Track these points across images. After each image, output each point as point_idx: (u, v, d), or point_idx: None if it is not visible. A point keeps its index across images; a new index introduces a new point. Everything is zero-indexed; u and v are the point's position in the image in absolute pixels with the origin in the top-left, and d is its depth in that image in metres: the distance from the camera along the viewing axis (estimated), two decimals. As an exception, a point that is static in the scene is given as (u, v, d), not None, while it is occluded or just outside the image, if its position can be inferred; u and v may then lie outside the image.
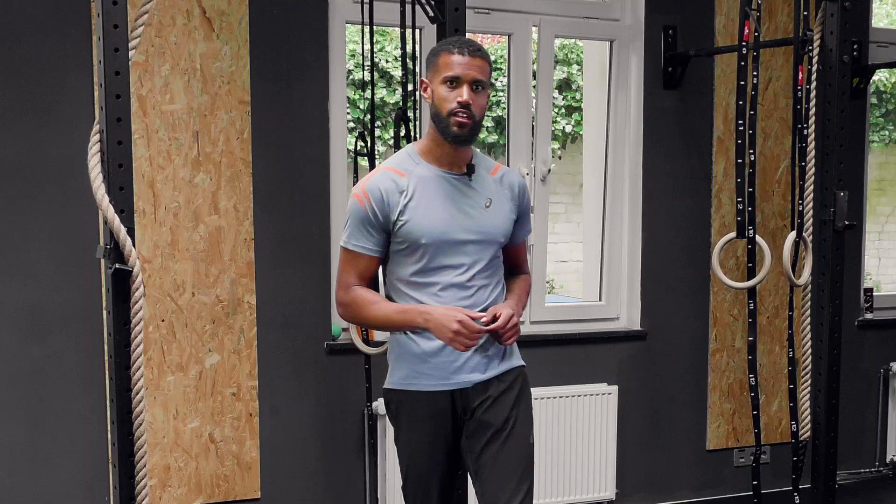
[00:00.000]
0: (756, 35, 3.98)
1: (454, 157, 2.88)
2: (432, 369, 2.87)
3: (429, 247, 2.83)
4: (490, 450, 2.87)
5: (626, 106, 4.77)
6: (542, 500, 4.51)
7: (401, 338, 2.91)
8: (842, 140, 3.95)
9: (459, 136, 2.81)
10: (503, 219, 2.93)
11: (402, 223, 2.82)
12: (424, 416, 2.91)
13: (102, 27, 2.74)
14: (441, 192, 2.86)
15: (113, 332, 2.79)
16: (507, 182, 2.97)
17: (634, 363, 4.82)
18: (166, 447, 3.99)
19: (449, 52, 2.82)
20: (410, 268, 2.86)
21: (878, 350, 5.35)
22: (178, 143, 3.93)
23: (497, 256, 2.94)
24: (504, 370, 2.94)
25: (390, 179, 2.85)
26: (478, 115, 2.83)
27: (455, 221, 2.85)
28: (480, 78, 2.81)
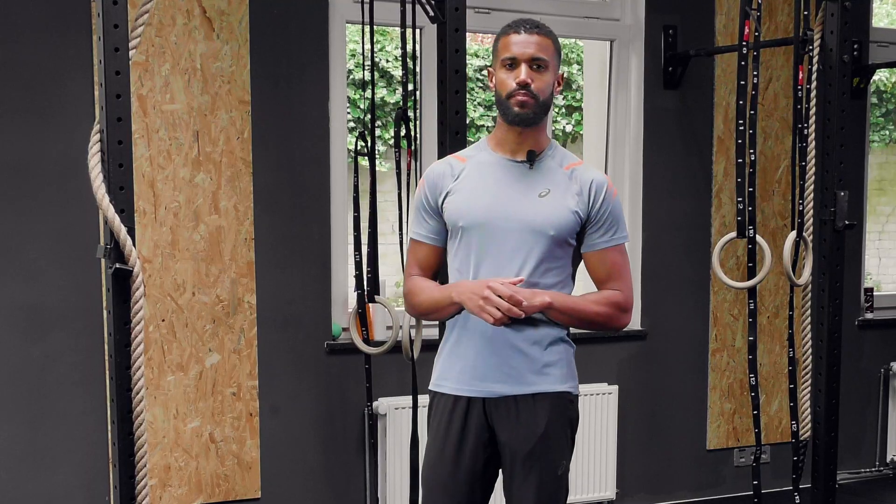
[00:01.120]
0: (756, 35, 3.97)
1: (519, 144, 2.72)
2: (457, 371, 2.74)
3: (468, 231, 2.68)
4: (515, 483, 2.73)
5: (626, 106, 4.77)
6: (542, 500, 4.51)
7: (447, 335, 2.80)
8: (842, 140, 3.95)
9: (521, 115, 2.65)
10: (559, 211, 2.67)
11: (447, 204, 2.71)
12: (444, 422, 2.76)
13: (103, 27, 2.74)
14: (493, 177, 2.71)
15: (113, 332, 2.79)
16: (578, 177, 2.72)
17: (634, 363, 4.82)
18: (166, 447, 3.99)
19: (506, 34, 2.69)
20: (456, 258, 2.74)
21: (879, 350, 5.35)
22: (178, 143, 3.93)
23: (558, 257, 2.71)
24: (540, 391, 2.71)
25: (447, 164, 2.78)
26: (541, 95, 2.66)
27: (498, 206, 2.68)
28: (540, 56, 2.65)
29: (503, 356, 2.70)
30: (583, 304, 2.73)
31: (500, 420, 2.72)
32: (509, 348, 2.69)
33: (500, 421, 2.72)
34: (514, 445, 2.71)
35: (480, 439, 2.74)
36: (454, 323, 2.77)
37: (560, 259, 2.72)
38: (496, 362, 2.70)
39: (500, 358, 2.70)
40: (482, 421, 2.73)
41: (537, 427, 2.70)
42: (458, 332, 2.76)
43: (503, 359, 2.70)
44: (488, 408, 2.73)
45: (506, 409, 2.71)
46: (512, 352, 2.70)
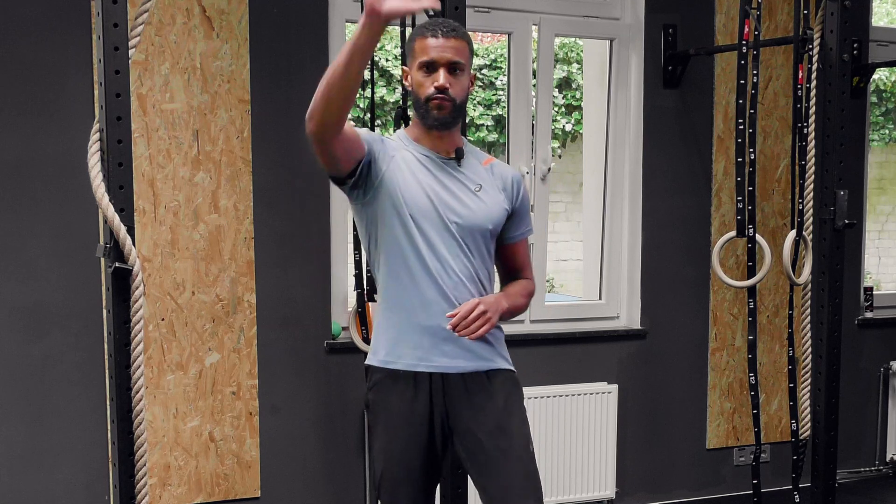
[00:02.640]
0: (756, 34, 3.98)
1: (440, 144, 2.77)
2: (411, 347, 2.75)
3: (414, 221, 2.69)
4: (491, 466, 2.74)
5: (626, 105, 4.77)
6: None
7: (382, 307, 2.79)
8: (842, 139, 3.95)
9: (439, 118, 2.70)
10: (494, 206, 2.78)
11: (388, 176, 2.69)
12: (401, 409, 2.77)
13: (102, 26, 2.74)
14: (427, 171, 2.74)
15: (113, 331, 2.79)
16: (498, 173, 2.84)
17: (634, 362, 4.82)
18: (166, 446, 3.99)
19: (423, 37, 2.69)
20: (395, 246, 2.72)
21: (878, 349, 5.35)
22: (177, 142, 3.93)
23: (489, 249, 2.81)
24: (491, 368, 2.79)
25: (387, 139, 2.79)
26: (458, 98, 2.70)
27: (442, 199, 2.72)
28: (457, 59, 2.68)
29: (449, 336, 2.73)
30: (519, 300, 2.87)
31: (458, 399, 2.76)
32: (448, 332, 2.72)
33: (457, 400, 2.76)
34: (480, 428, 2.74)
35: (429, 428, 2.78)
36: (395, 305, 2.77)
37: (491, 250, 2.83)
38: (446, 337, 2.72)
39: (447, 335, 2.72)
40: (440, 399, 2.77)
41: (498, 403, 2.76)
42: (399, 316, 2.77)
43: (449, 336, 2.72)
44: (446, 385, 2.76)
45: (463, 388, 2.76)
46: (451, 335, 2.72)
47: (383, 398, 2.81)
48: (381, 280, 2.80)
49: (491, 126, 9.76)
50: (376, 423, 2.84)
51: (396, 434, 2.78)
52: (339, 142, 2.56)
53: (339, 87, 2.42)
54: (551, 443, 4.51)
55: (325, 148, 2.57)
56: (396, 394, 2.77)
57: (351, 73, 2.41)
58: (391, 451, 2.79)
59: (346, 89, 2.44)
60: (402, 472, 2.78)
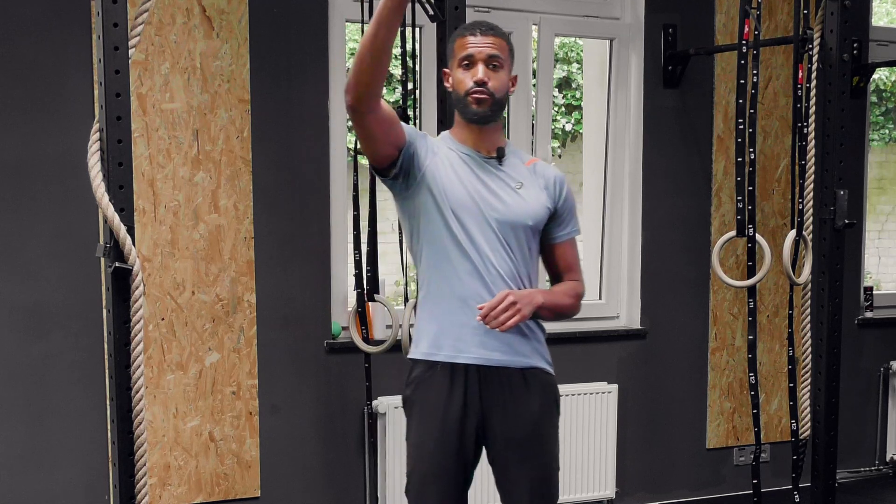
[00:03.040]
0: (756, 33, 3.97)
1: (482, 141, 2.79)
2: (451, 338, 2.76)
3: (455, 216, 2.72)
4: (513, 474, 2.79)
5: (626, 104, 4.77)
6: (541, 499, 4.51)
7: (424, 300, 2.81)
8: (842, 139, 3.95)
9: (479, 112, 2.73)
10: (535, 203, 2.79)
11: (429, 171, 2.72)
12: (437, 405, 2.78)
13: (102, 26, 2.74)
14: (469, 169, 2.77)
15: (113, 331, 2.79)
16: (541, 172, 2.85)
17: (634, 362, 4.82)
18: (166, 446, 3.99)
19: (462, 36, 2.76)
20: (436, 241, 2.74)
21: (878, 349, 5.35)
22: (177, 142, 3.93)
23: (532, 247, 2.81)
24: (528, 366, 2.80)
25: (431, 138, 2.82)
26: (497, 93, 2.73)
27: (483, 195, 2.74)
28: (496, 54, 2.73)
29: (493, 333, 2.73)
30: (562, 298, 2.85)
31: (493, 397, 2.77)
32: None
33: (492, 398, 2.77)
34: (509, 429, 2.77)
35: (462, 423, 2.78)
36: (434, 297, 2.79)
37: (533, 249, 2.83)
38: (486, 330, 2.72)
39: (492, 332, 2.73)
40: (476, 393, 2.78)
41: (532, 409, 2.79)
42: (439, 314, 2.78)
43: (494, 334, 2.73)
44: (482, 379, 2.77)
45: (499, 386, 2.77)
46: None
47: (420, 394, 2.82)
48: (422, 273, 2.83)
49: (491, 126, 9.74)
50: (411, 419, 2.86)
51: (430, 431, 2.79)
52: (377, 120, 2.60)
53: (369, 57, 2.48)
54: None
55: (363, 122, 2.60)
56: (434, 389, 2.78)
57: (378, 43, 2.47)
58: (423, 446, 2.81)
59: (376, 59, 2.49)
60: (433, 469, 2.79)
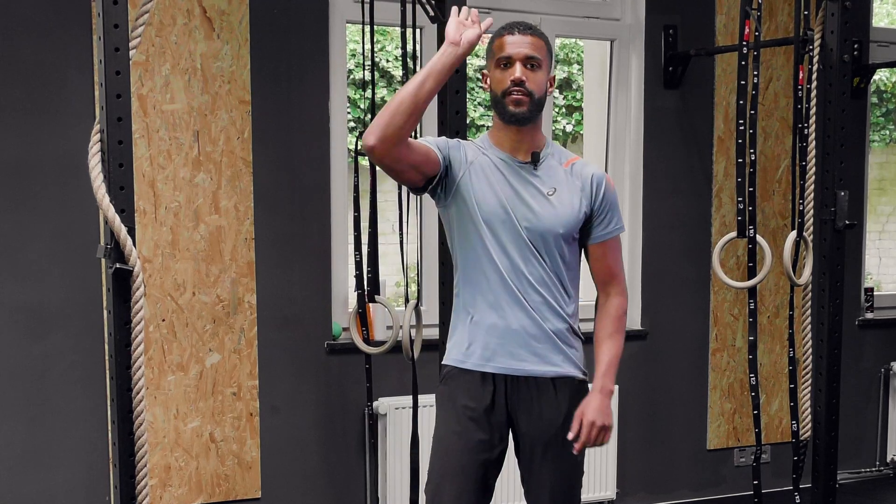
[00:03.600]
0: (756, 34, 3.97)
1: (519, 142, 2.77)
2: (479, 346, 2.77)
3: (487, 225, 2.72)
4: (536, 471, 2.80)
5: (626, 105, 4.77)
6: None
7: (457, 308, 2.83)
8: (842, 139, 3.95)
9: (517, 114, 2.71)
10: (567, 209, 2.75)
11: (464, 180, 2.73)
12: (464, 404, 2.78)
13: (103, 27, 2.74)
14: (503, 176, 2.75)
15: (113, 332, 2.79)
16: (578, 173, 2.80)
17: (635, 362, 4.81)
18: (167, 447, 3.99)
19: (501, 36, 2.74)
20: (468, 249, 2.76)
21: (879, 349, 5.35)
22: (178, 143, 3.93)
23: (568, 252, 2.78)
24: (559, 375, 2.79)
25: (469, 145, 2.83)
26: (536, 93, 2.72)
27: (514, 204, 2.73)
28: (534, 55, 2.71)
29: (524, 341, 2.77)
30: (616, 350, 2.83)
31: (521, 402, 2.78)
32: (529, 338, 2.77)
33: (521, 403, 2.78)
34: (535, 429, 2.78)
35: (489, 429, 2.78)
36: (466, 314, 2.81)
37: (567, 254, 2.79)
38: (515, 339, 2.76)
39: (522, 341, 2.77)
40: (503, 401, 2.79)
41: (561, 413, 2.78)
42: (471, 326, 2.80)
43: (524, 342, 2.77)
44: (510, 387, 2.78)
45: (527, 392, 2.78)
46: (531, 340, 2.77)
47: (451, 390, 2.83)
48: (457, 280, 2.84)
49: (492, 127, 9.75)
50: (440, 414, 2.86)
51: (452, 425, 2.79)
52: (401, 162, 2.63)
53: (408, 109, 2.54)
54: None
55: (384, 165, 2.63)
56: (463, 388, 2.80)
57: (423, 95, 2.55)
58: (445, 440, 2.81)
59: (412, 112, 2.55)
60: (452, 464, 2.78)
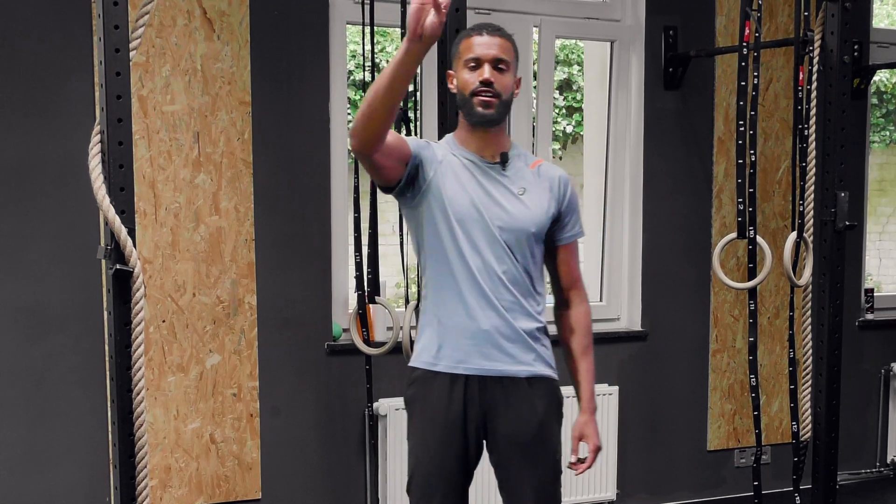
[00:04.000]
0: (757, 35, 3.97)
1: (486, 143, 2.78)
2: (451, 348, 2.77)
3: (459, 224, 2.72)
4: (516, 473, 2.79)
5: (626, 106, 4.77)
6: (542, 501, 4.51)
7: (426, 309, 2.82)
8: (842, 140, 3.95)
9: (485, 115, 2.71)
10: (537, 209, 2.78)
11: (435, 180, 2.72)
12: (438, 408, 2.78)
13: (103, 28, 2.74)
14: (472, 175, 2.75)
15: (114, 333, 2.79)
16: (545, 174, 2.84)
17: (635, 363, 4.81)
18: (167, 448, 3.99)
19: (468, 37, 2.75)
20: (438, 249, 2.75)
21: (879, 350, 5.35)
22: (178, 144, 3.93)
23: (536, 253, 2.80)
24: (532, 375, 2.80)
25: (436, 145, 2.81)
26: (504, 94, 2.72)
27: (485, 203, 2.73)
28: (502, 56, 2.72)
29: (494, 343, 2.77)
30: (593, 365, 2.95)
31: (496, 402, 2.77)
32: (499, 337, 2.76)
33: (495, 403, 2.77)
34: (512, 433, 2.77)
35: (464, 430, 2.78)
36: (433, 317, 2.80)
37: (537, 254, 2.82)
38: (486, 339, 2.76)
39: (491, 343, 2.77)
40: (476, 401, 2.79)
41: (537, 413, 2.79)
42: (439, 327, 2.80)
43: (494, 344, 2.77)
44: (483, 388, 2.78)
45: (501, 392, 2.77)
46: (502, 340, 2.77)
47: (421, 395, 2.82)
48: (426, 282, 2.83)
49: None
50: (412, 419, 2.86)
51: (432, 431, 2.79)
52: (382, 154, 2.62)
53: (383, 105, 2.48)
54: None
55: (369, 162, 2.63)
56: (434, 391, 2.79)
57: (394, 92, 2.48)
58: (426, 446, 2.81)
59: (389, 107, 2.50)
60: (435, 469, 2.79)
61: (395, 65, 2.43)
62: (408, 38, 2.37)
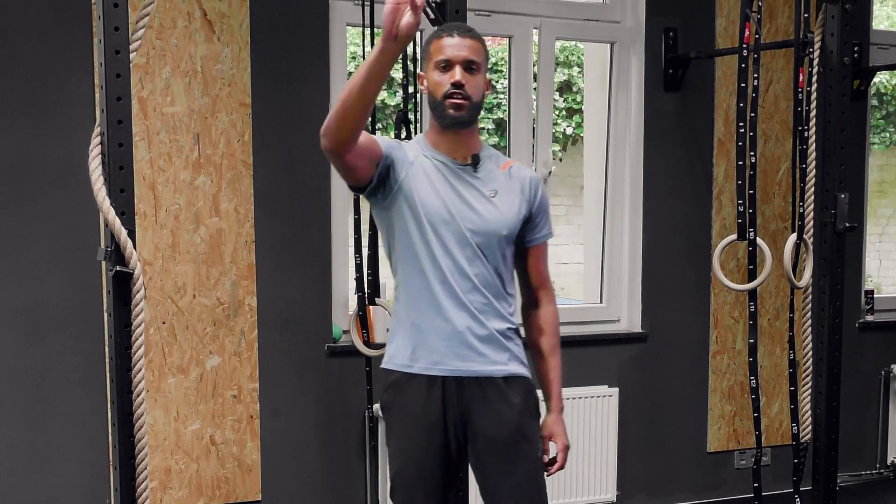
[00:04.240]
0: (757, 37, 3.98)
1: (457, 146, 2.77)
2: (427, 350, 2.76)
3: (431, 227, 2.71)
4: (499, 473, 2.77)
5: (626, 108, 4.77)
6: (542, 503, 4.51)
7: (399, 310, 2.81)
8: (842, 142, 3.95)
9: (456, 118, 2.70)
10: (509, 211, 2.78)
11: (405, 183, 2.71)
12: (416, 411, 2.78)
13: (103, 29, 2.74)
14: (444, 177, 2.75)
15: (114, 335, 2.79)
16: (516, 176, 2.83)
17: (635, 365, 4.81)
18: (167, 449, 3.99)
19: (439, 38, 2.73)
20: (409, 251, 2.74)
21: (879, 352, 5.35)
22: (178, 146, 3.93)
23: (508, 255, 2.81)
24: (508, 374, 2.80)
25: (407, 146, 2.81)
26: (474, 96, 2.71)
27: (457, 206, 2.73)
28: (473, 58, 2.70)
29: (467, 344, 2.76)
30: (560, 364, 2.96)
31: (474, 402, 2.77)
32: (472, 338, 2.76)
33: (473, 403, 2.77)
34: (493, 432, 2.76)
35: (444, 430, 2.79)
36: (407, 318, 2.80)
37: (508, 256, 2.82)
38: (460, 340, 2.76)
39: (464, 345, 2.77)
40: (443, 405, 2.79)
41: (515, 409, 2.78)
42: (415, 331, 2.79)
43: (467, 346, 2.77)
44: (460, 389, 2.77)
45: (479, 392, 2.77)
46: (474, 341, 2.77)
47: (399, 399, 2.81)
48: (398, 283, 2.82)
49: (492, 129, 9.75)
50: (391, 424, 2.86)
51: (412, 435, 2.79)
52: (354, 155, 2.61)
53: (357, 105, 2.48)
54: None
55: (340, 162, 2.63)
56: (412, 395, 2.78)
57: (368, 92, 2.47)
58: (407, 450, 2.80)
59: (363, 107, 2.50)
60: (417, 472, 2.78)
61: (370, 64, 2.43)
62: (383, 38, 2.39)
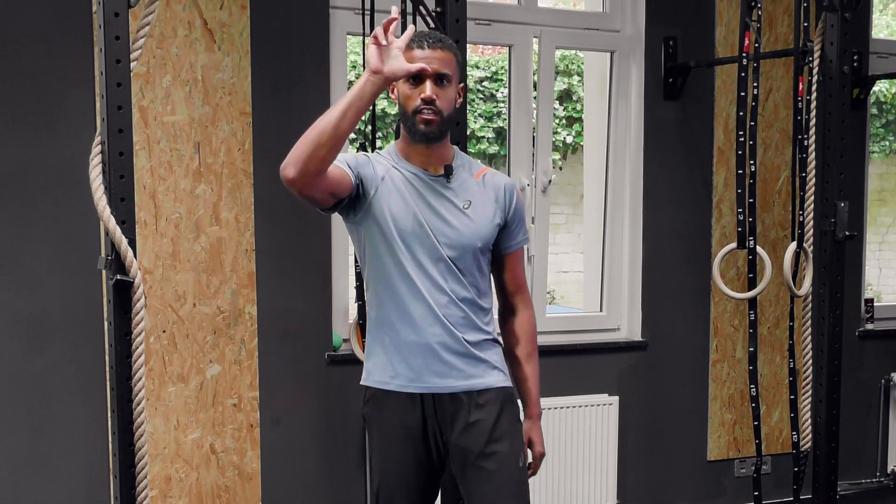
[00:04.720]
0: (756, 46, 3.99)
1: (429, 157, 2.74)
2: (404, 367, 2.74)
3: (402, 240, 2.68)
4: (480, 482, 2.75)
5: (626, 116, 4.77)
6: (543, 511, 4.51)
7: (372, 327, 2.80)
8: (842, 151, 3.96)
9: (427, 133, 2.67)
10: (483, 223, 2.75)
11: (378, 196, 2.69)
12: (396, 424, 2.78)
13: (104, 39, 2.75)
14: (415, 190, 2.72)
15: (114, 343, 2.79)
16: (490, 184, 2.79)
17: (635, 373, 4.81)
18: (167, 458, 3.99)
19: (409, 49, 2.65)
20: (380, 264, 2.72)
21: (879, 360, 5.35)
22: (179, 154, 3.93)
23: (483, 266, 2.79)
24: (485, 387, 2.76)
25: (376, 159, 2.78)
26: (445, 110, 2.67)
27: (429, 219, 2.70)
28: (444, 71, 2.66)
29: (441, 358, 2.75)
30: (537, 370, 2.92)
31: (450, 416, 2.76)
32: (445, 352, 2.74)
33: (450, 417, 2.76)
34: (469, 444, 2.75)
35: (425, 447, 2.79)
36: (381, 328, 2.79)
37: (483, 266, 2.80)
38: (435, 356, 2.74)
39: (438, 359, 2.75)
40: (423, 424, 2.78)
41: (490, 418, 2.76)
42: (389, 338, 2.78)
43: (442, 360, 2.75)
44: (437, 403, 2.76)
45: (456, 406, 2.75)
46: (448, 355, 2.75)
47: (378, 413, 2.81)
48: (370, 299, 2.81)
49: (492, 138, 9.77)
50: (372, 437, 2.86)
51: (392, 448, 2.79)
52: (318, 189, 2.59)
53: (330, 138, 2.47)
54: (552, 455, 4.50)
55: (303, 195, 2.60)
56: (390, 409, 2.78)
57: (344, 126, 2.47)
58: (388, 463, 2.80)
59: (337, 142, 2.48)
60: (399, 484, 2.79)
61: (350, 101, 2.46)
62: (367, 72, 2.44)
